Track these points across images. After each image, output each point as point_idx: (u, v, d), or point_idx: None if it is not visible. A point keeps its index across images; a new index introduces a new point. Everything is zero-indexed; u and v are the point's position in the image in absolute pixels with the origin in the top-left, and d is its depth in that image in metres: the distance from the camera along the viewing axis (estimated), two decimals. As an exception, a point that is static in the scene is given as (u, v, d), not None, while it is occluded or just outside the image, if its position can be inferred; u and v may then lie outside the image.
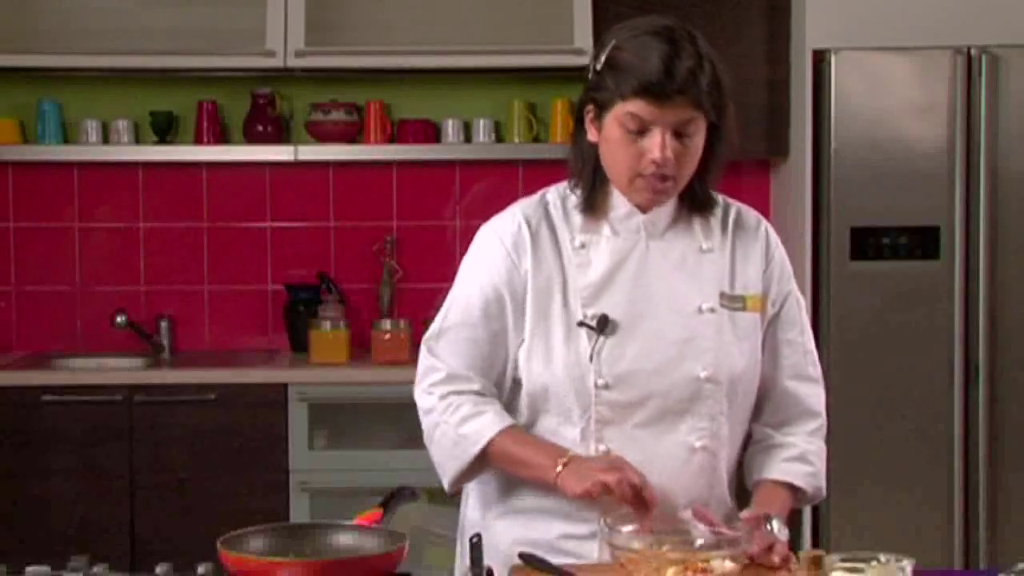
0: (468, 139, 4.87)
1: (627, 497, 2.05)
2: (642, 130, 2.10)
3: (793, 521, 4.40)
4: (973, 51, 4.31)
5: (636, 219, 2.21)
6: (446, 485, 2.26)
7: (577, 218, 2.24)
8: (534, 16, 4.59)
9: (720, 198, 2.28)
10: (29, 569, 1.97)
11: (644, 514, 2.06)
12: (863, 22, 4.39)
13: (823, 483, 2.29)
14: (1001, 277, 4.33)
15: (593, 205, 2.22)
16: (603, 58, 2.14)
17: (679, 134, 2.11)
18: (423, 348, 2.28)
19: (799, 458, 2.26)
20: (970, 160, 4.32)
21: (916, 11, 4.39)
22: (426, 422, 2.26)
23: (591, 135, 2.19)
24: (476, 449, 2.18)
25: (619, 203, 2.21)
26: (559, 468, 2.11)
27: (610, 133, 2.14)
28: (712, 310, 2.19)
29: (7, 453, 4.36)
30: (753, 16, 4.58)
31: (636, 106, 2.09)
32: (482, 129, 4.84)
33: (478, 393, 2.22)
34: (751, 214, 2.31)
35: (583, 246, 2.21)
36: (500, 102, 4.88)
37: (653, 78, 2.07)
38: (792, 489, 2.26)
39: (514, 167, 4.89)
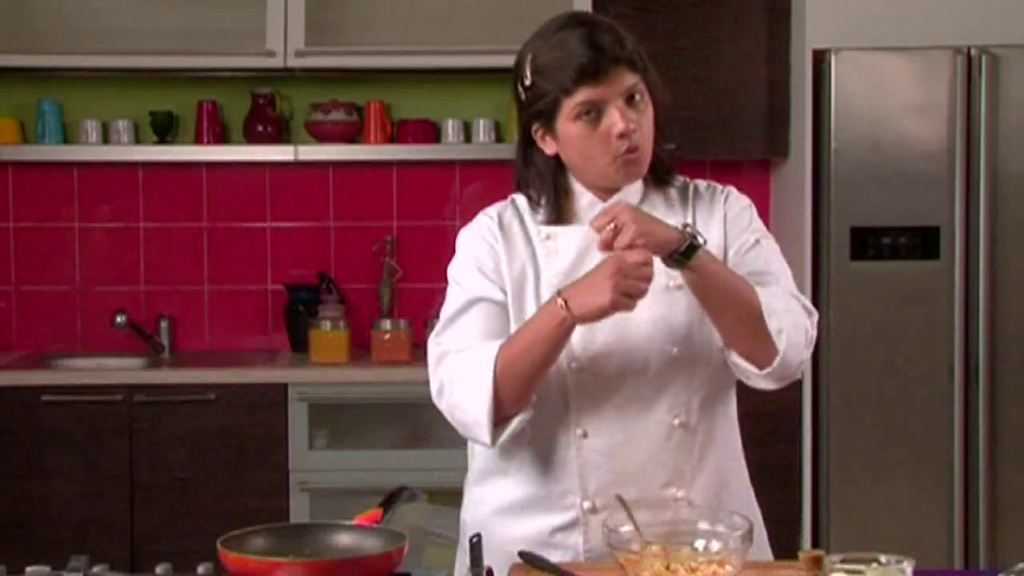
0: (468, 139, 4.87)
1: (646, 275, 2.01)
2: (598, 113, 2.14)
3: (793, 521, 4.40)
4: (973, 51, 4.31)
5: (599, 207, 2.21)
6: (485, 436, 2.13)
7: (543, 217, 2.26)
8: (534, 16, 4.53)
9: (682, 177, 2.32)
10: (29, 569, 1.96)
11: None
12: (863, 22, 4.39)
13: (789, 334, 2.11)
14: (1001, 277, 4.33)
15: (560, 214, 2.24)
16: (528, 71, 2.19)
17: (631, 103, 2.15)
18: (431, 344, 2.26)
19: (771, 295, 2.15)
20: (970, 160, 4.32)
21: (916, 11, 4.39)
22: (436, 379, 2.18)
23: (547, 149, 2.22)
24: (490, 365, 2.09)
25: (581, 197, 2.24)
26: (560, 303, 2.05)
27: (569, 133, 2.17)
28: (680, 287, 2.19)
29: (7, 453, 4.36)
30: (753, 16, 4.57)
31: (583, 93, 2.13)
32: (482, 129, 4.84)
33: None
34: (714, 185, 2.34)
35: (549, 237, 2.24)
36: (500, 102, 4.87)
37: (586, 59, 2.12)
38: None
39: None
